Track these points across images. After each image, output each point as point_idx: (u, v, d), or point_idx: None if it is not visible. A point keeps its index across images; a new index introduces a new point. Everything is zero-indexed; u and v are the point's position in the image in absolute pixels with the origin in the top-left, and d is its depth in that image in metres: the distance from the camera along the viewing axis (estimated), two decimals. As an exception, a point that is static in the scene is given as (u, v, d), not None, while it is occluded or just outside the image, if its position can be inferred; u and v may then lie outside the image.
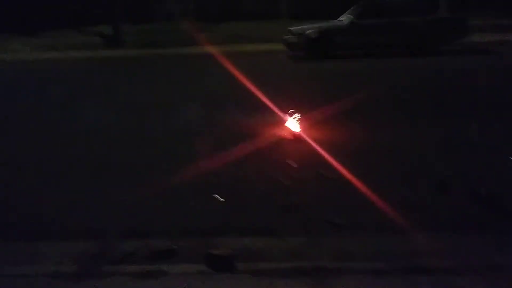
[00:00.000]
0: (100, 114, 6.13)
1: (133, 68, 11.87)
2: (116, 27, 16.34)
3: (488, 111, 5.37)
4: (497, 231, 2.60)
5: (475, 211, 2.85)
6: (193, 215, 2.94)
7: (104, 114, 6.17)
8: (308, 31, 11.45)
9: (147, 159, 4.16)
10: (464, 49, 11.89)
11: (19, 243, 2.71)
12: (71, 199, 3.29)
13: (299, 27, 11.86)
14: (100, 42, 16.57)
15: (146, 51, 14.83)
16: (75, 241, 2.66)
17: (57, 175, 3.85)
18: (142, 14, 20.35)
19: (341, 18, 11.55)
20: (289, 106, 4.87)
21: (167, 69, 11.60)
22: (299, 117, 4.65)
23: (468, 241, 2.50)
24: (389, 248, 2.46)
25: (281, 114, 5.24)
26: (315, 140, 4.40)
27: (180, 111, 6.01)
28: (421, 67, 9.62)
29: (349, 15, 11.43)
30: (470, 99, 6.08)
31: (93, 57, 14.28)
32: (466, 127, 4.62)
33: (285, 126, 4.78)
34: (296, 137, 4.53)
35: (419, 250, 2.43)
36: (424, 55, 10.85)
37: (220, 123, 5.26)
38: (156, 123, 5.53)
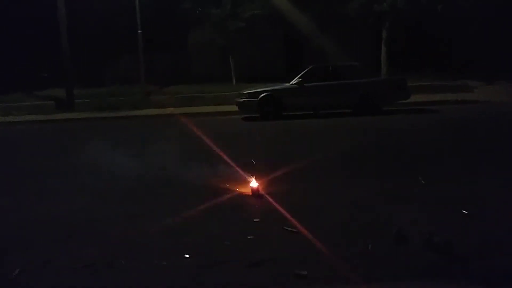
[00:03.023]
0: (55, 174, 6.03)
1: (88, 130, 11.72)
2: (68, 90, 16.20)
3: (433, 165, 5.82)
4: (451, 277, 2.77)
5: (430, 259, 3.03)
6: (164, 273, 2.93)
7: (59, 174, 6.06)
8: (259, 94, 12.01)
9: (110, 218, 4.09)
10: (403, 108, 12.86)
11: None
12: (37, 260, 3.18)
13: (251, 89, 12.43)
14: (52, 106, 16.33)
15: (101, 114, 14.73)
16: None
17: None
18: (93, 78, 20.39)
19: (293, 81, 12.21)
20: (247, 164, 5.02)
21: (126, 130, 11.55)
22: (255, 175, 4.79)
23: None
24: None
25: (240, 172, 5.39)
26: (273, 196, 4.53)
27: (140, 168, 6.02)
28: (367, 125, 10.28)
29: (298, 79, 12.12)
30: (414, 154, 6.58)
31: (47, 120, 14.12)
32: (415, 180, 4.95)
33: (244, 183, 4.90)
34: (255, 194, 4.64)
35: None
36: (368, 114, 11.59)
37: (182, 180, 5.29)
38: (115, 181, 5.49)
